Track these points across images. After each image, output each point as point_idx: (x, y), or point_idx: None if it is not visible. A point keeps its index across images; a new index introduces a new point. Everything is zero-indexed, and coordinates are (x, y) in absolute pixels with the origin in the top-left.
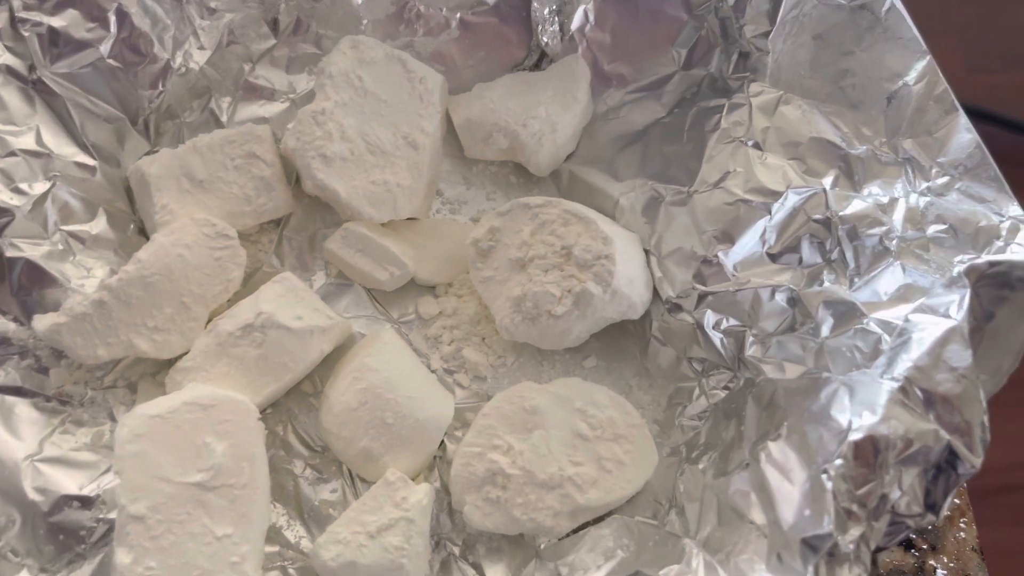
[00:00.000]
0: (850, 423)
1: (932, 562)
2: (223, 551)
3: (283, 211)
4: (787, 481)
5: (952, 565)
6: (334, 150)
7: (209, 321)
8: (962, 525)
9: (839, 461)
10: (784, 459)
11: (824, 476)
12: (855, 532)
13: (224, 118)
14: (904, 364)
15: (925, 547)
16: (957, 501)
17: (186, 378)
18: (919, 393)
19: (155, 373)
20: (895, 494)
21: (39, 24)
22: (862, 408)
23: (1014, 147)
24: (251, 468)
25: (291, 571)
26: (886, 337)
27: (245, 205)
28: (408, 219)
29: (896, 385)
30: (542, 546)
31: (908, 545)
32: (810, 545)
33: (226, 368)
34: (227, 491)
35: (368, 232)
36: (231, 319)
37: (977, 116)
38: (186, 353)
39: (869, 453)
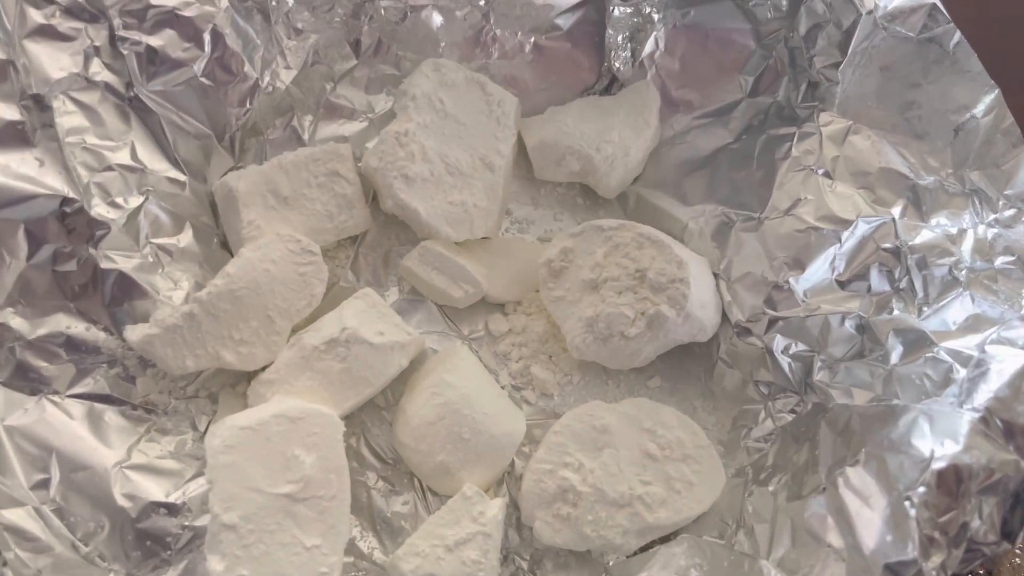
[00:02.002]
0: (932, 452)
1: None
2: (312, 561)
3: (362, 228)
4: (867, 507)
5: None
6: (415, 170)
7: (291, 334)
8: (1018, 551)
9: (922, 489)
10: (863, 485)
11: (907, 503)
12: (937, 559)
13: (306, 136)
14: (984, 395)
15: (982, 573)
16: None
17: (269, 390)
18: (999, 424)
19: (235, 384)
20: (975, 523)
21: (138, 43)
22: (944, 437)
23: None
24: (338, 480)
25: None
26: (957, 366)
27: (327, 222)
28: (479, 238)
29: (977, 415)
30: (610, 563)
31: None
32: (894, 571)
33: (309, 381)
34: (316, 503)
35: (444, 251)
36: (315, 333)
37: None
38: (269, 365)
39: (952, 482)
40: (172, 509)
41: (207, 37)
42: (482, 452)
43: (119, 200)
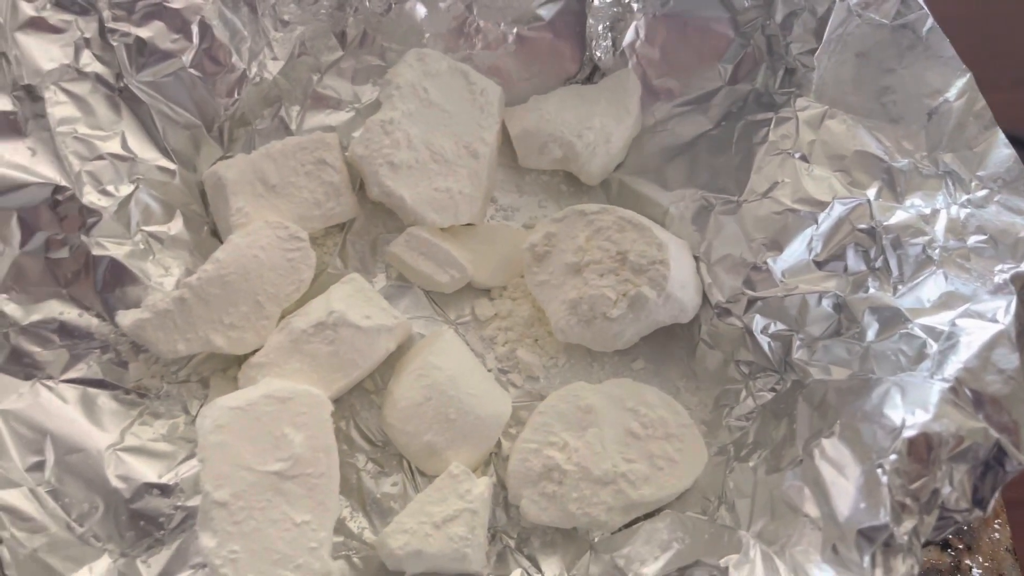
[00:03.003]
0: (904, 421)
1: (968, 561)
2: (302, 537)
3: (349, 215)
4: (841, 476)
5: (987, 565)
6: (400, 158)
7: (280, 319)
8: (996, 526)
9: (894, 456)
10: (838, 455)
11: (879, 471)
12: (909, 524)
13: (293, 126)
14: (954, 366)
15: (961, 547)
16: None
17: (259, 373)
18: (969, 394)
19: (225, 369)
20: (946, 489)
21: (127, 34)
22: (915, 407)
23: None
24: (326, 458)
25: (355, 560)
26: (930, 341)
27: (315, 209)
28: (465, 225)
29: (947, 386)
30: (596, 539)
31: (945, 545)
32: (866, 536)
33: (298, 364)
34: (305, 480)
35: (430, 236)
36: (304, 317)
37: None
38: (258, 349)
39: (923, 449)
40: (165, 490)
41: (195, 28)
42: (468, 432)
43: (110, 188)
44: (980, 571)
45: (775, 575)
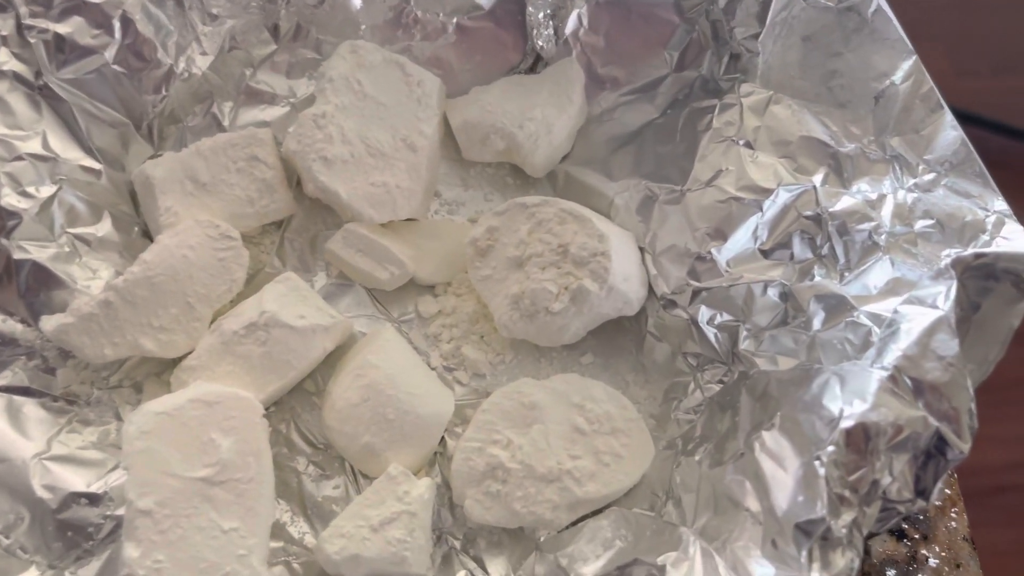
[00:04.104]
0: (841, 411)
1: (924, 551)
2: (230, 544)
3: (285, 213)
4: (781, 469)
5: (944, 554)
6: (334, 153)
7: (213, 321)
8: (953, 515)
9: (831, 448)
10: (778, 448)
11: (817, 463)
12: (847, 517)
13: (226, 122)
14: (893, 354)
15: (917, 536)
16: (948, 491)
17: (191, 376)
18: (908, 382)
19: (160, 373)
20: (886, 480)
21: (45, 31)
22: (853, 396)
23: (1002, 151)
24: (256, 463)
25: (295, 566)
26: (876, 329)
27: (248, 207)
28: (407, 220)
29: (886, 374)
30: (542, 539)
31: (900, 535)
32: (803, 530)
33: (230, 366)
34: (233, 485)
35: (368, 233)
36: (235, 318)
37: (965, 120)
38: (191, 352)
39: (860, 440)
40: (93, 499)
41: (117, 24)
42: (408, 432)
43: (31, 190)
44: (937, 561)
45: (714, 572)
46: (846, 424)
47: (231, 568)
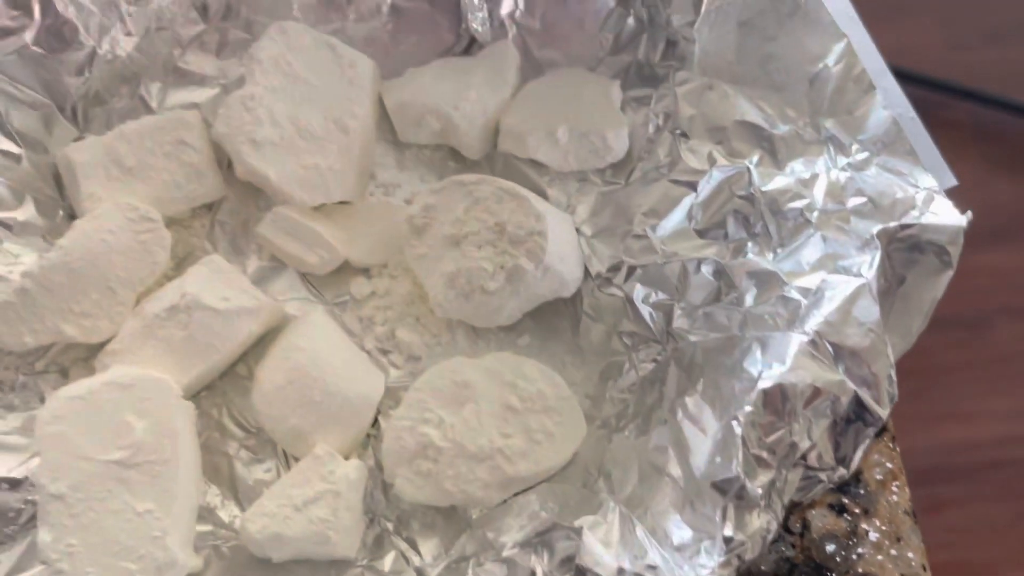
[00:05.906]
0: (760, 373)
1: (864, 526)
2: (144, 527)
3: (214, 196)
4: (701, 432)
5: (885, 528)
6: (264, 135)
7: (137, 304)
8: (895, 489)
9: (748, 408)
10: (699, 412)
11: (735, 422)
12: (764, 478)
13: (154, 104)
14: (815, 319)
15: (857, 511)
16: (890, 465)
17: (114, 360)
18: (828, 347)
19: (87, 358)
20: (805, 443)
21: None
22: (772, 360)
23: (995, 123)
24: (173, 445)
25: (224, 549)
26: (804, 302)
27: (176, 191)
28: (342, 203)
29: (806, 339)
30: (474, 517)
31: (841, 509)
32: (719, 488)
33: (153, 350)
34: (148, 467)
35: (298, 216)
36: (157, 301)
37: (957, 94)
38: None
39: (777, 400)
40: (14, 484)
41: (36, 5)
42: (336, 414)
43: None
44: (877, 535)
45: (631, 535)
46: (764, 384)
47: (145, 551)
